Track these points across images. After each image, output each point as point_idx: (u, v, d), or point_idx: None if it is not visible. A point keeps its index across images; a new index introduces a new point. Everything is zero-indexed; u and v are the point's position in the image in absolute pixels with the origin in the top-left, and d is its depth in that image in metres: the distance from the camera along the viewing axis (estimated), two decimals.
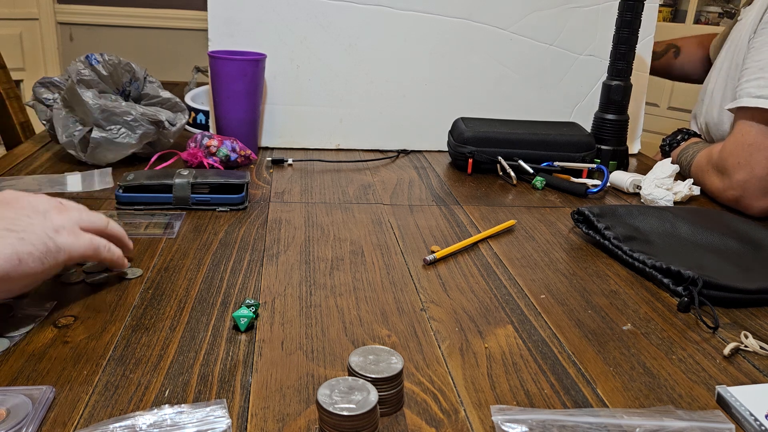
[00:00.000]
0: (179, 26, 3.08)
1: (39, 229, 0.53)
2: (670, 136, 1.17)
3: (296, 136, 1.19)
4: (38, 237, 0.52)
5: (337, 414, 0.42)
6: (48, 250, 0.53)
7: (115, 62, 1.02)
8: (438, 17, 1.17)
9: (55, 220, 0.56)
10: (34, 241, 0.52)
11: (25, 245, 0.51)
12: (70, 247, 0.55)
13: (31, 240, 0.51)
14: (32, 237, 0.52)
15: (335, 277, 0.68)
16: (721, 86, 1.09)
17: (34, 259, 0.51)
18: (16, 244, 0.50)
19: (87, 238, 0.58)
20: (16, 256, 0.50)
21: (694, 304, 0.63)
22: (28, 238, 0.51)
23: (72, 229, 0.56)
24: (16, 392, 0.45)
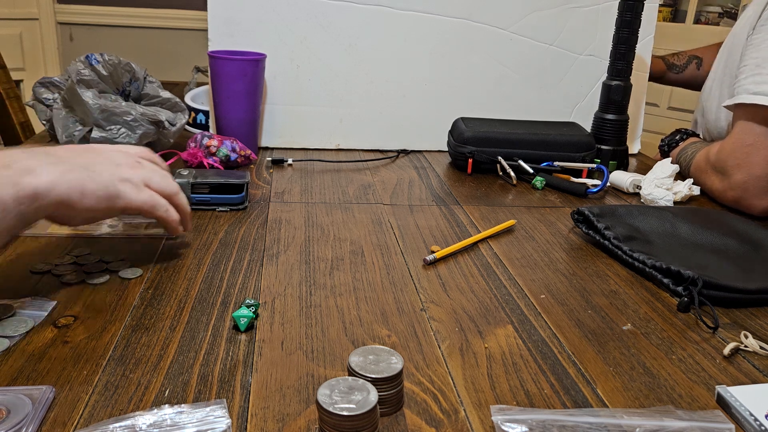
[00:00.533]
0: (179, 26, 3.08)
1: (107, 175, 0.60)
2: (668, 136, 1.17)
3: (296, 136, 1.19)
4: (104, 180, 0.60)
5: (337, 414, 0.42)
6: (108, 194, 0.60)
7: (115, 62, 1.02)
8: (438, 17, 1.17)
9: (124, 172, 0.63)
10: (99, 183, 0.59)
11: (91, 183, 0.58)
12: (128, 197, 0.61)
13: (97, 180, 0.59)
14: (99, 179, 0.59)
15: (335, 277, 0.68)
16: (717, 84, 1.09)
17: (95, 198, 0.58)
18: (85, 179, 0.58)
19: (147, 195, 0.64)
20: (81, 188, 0.57)
21: (694, 304, 0.63)
22: (97, 178, 0.59)
23: (137, 183, 0.63)
24: (16, 392, 0.45)
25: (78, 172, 0.58)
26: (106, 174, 0.60)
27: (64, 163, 0.57)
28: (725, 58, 1.07)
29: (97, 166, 0.60)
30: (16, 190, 0.52)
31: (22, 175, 0.53)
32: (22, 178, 0.53)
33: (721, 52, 1.11)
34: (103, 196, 0.59)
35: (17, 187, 0.53)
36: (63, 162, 0.57)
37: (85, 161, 0.60)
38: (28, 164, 0.55)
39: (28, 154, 0.56)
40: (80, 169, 0.58)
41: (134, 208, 0.62)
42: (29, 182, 0.53)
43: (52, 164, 0.56)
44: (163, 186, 0.65)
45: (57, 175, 0.56)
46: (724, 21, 3.06)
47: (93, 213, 0.60)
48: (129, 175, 0.63)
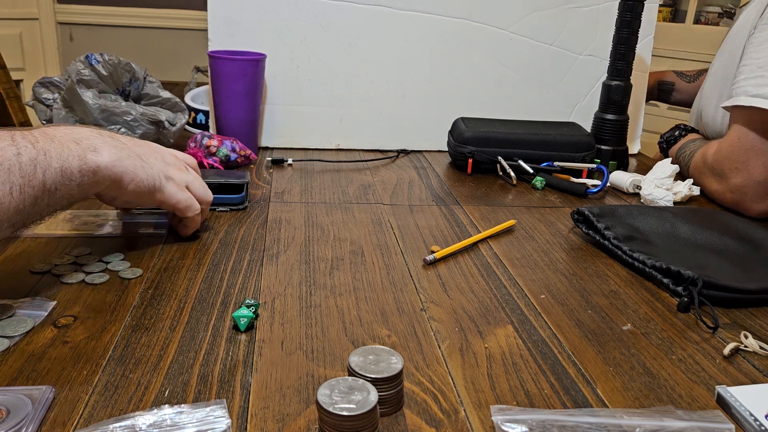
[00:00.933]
0: (179, 26, 3.08)
1: (157, 169, 0.68)
2: (667, 132, 1.17)
3: (296, 136, 1.19)
4: (153, 173, 0.67)
5: (337, 414, 0.42)
6: (153, 185, 0.67)
7: (115, 62, 1.02)
8: (438, 17, 1.17)
9: (171, 171, 0.70)
10: (148, 173, 0.66)
11: (142, 172, 0.65)
12: (168, 193, 0.68)
13: (147, 171, 0.66)
14: (150, 170, 0.66)
15: (335, 277, 0.68)
16: (718, 85, 1.08)
17: (141, 185, 0.65)
18: (138, 167, 0.65)
19: (186, 196, 0.70)
20: (133, 174, 0.64)
21: (694, 304, 0.63)
22: (147, 170, 0.66)
23: (179, 184, 0.70)
24: (16, 392, 0.45)
25: (134, 160, 0.65)
26: (156, 168, 0.67)
27: (124, 148, 0.64)
28: (725, 58, 1.07)
29: (150, 158, 0.67)
30: (81, 163, 0.59)
31: (88, 151, 0.60)
32: (88, 153, 0.60)
33: (719, 53, 1.11)
34: (148, 186, 0.66)
35: (83, 161, 0.59)
36: (123, 147, 0.64)
37: (141, 152, 0.66)
38: (94, 143, 0.61)
39: (95, 134, 0.63)
40: (136, 157, 0.65)
41: (171, 204, 0.69)
42: (93, 159, 0.60)
43: (114, 147, 0.63)
44: (201, 192, 0.73)
45: (116, 157, 0.62)
46: (723, 21, 3.06)
47: (135, 198, 0.66)
48: (174, 175, 0.69)
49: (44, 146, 0.56)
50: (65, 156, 0.58)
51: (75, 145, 0.59)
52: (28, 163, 0.54)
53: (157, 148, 0.71)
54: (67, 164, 0.58)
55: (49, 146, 0.57)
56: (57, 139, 0.58)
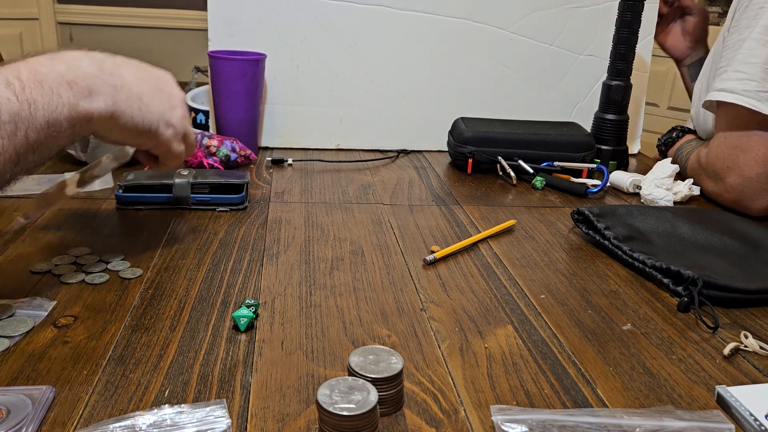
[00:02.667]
0: (179, 26, 3.08)
1: (157, 113, 0.62)
2: (665, 134, 1.17)
3: (296, 136, 1.19)
4: (151, 118, 0.62)
5: (337, 414, 0.42)
6: (149, 129, 0.62)
7: None
8: (438, 17, 1.17)
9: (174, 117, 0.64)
10: (146, 118, 0.61)
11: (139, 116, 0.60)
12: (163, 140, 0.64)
13: (145, 116, 0.61)
14: (148, 115, 0.61)
15: (335, 277, 0.68)
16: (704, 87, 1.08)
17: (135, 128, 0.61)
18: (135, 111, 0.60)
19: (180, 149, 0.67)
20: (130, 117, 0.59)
21: (694, 304, 0.63)
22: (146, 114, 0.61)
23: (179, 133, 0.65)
24: (16, 392, 0.45)
25: (133, 101, 0.60)
26: (156, 110, 0.62)
27: (123, 89, 0.59)
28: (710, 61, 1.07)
29: (153, 99, 0.62)
30: (71, 113, 0.54)
31: (81, 97, 0.55)
32: (81, 101, 0.55)
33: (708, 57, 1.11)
34: (143, 130, 0.61)
35: (73, 110, 0.54)
36: (123, 88, 0.59)
37: (144, 90, 0.61)
38: (90, 84, 0.56)
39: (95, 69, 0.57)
40: (135, 99, 0.60)
41: (162, 151, 0.66)
42: (86, 106, 0.55)
43: (112, 88, 0.58)
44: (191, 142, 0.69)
45: (113, 101, 0.57)
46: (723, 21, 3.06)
47: (124, 138, 0.62)
48: (176, 122, 0.64)
49: (30, 95, 0.51)
50: (54, 106, 0.53)
51: (67, 90, 0.54)
52: (8, 120, 0.49)
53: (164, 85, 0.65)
54: (56, 115, 0.53)
55: (36, 95, 0.52)
56: (47, 82, 0.53)
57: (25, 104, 0.51)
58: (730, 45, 0.94)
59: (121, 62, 0.62)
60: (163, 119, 0.63)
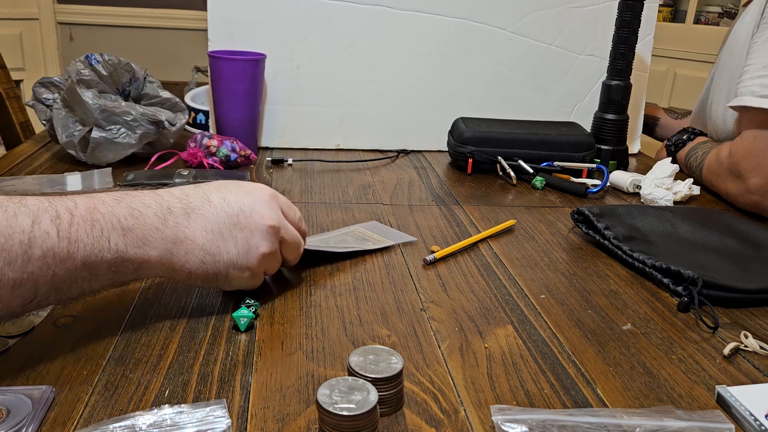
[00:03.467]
0: (179, 26, 3.08)
1: (225, 259, 0.55)
2: (675, 135, 1.16)
3: (296, 136, 1.19)
4: (216, 265, 0.55)
5: (337, 414, 0.42)
6: (215, 277, 0.56)
7: (115, 62, 1.02)
8: (438, 17, 1.17)
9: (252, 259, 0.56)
10: (208, 267, 0.55)
11: (199, 267, 0.55)
12: (237, 286, 0.59)
13: (207, 265, 0.55)
14: (211, 264, 0.55)
15: (335, 277, 0.68)
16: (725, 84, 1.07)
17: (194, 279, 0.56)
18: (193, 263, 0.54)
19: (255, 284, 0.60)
20: (186, 271, 0.55)
21: (694, 304, 0.63)
22: (209, 262, 0.55)
23: (256, 273, 0.58)
24: (16, 392, 0.45)
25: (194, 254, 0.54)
26: (224, 258, 0.55)
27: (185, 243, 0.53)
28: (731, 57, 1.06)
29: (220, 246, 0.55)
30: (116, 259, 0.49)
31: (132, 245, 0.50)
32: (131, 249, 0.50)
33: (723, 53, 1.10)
34: (205, 279, 0.56)
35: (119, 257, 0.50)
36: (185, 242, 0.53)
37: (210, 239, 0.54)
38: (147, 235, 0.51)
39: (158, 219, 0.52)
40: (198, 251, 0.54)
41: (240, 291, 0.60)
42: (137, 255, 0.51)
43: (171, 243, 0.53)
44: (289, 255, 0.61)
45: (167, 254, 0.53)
46: (723, 21, 3.06)
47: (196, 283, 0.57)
48: (254, 264, 0.57)
49: (76, 234, 0.47)
50: (98, 249, 0.48)
51: (119, 238, 0.49)
52: (38, 256, 0.45)
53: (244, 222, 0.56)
54: (95, 258, 0.48)
55: (81, 234, 0.47)
56: (100, 224, 0.48)
57: (64, 241, 0.46)
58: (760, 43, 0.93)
59: (197, 204, 0.55)
60: (236, 265, 0.56)
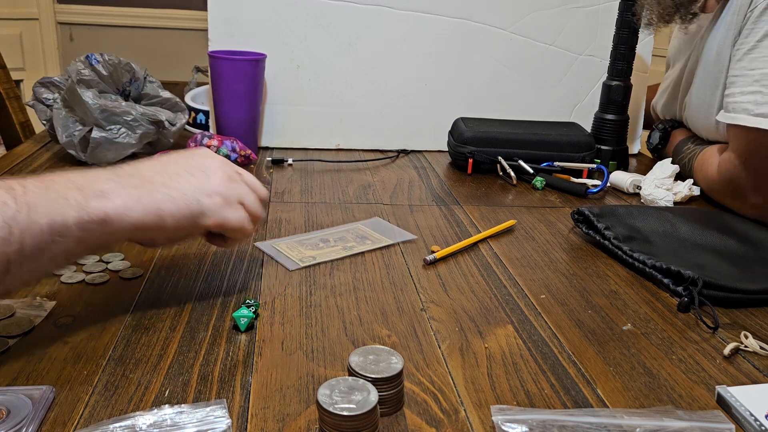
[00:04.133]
0: (179, 26, 3.08)
1: (191, 191, 0.54)
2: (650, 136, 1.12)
3: (296, 136, 1.19)
4: (185, 199, 0.54)
5: (337, 414, 0.42)
6: (191, 213, 0.54)
7: (115, 62, 1.02)
8: (438, 17, 1.17)
9: (215, 184, 0.56)
10: (179, 202, 0.53)
11: (170, 204, 0.53)
12: (217, 216, 0.56)
13: (177, 200, 0.53)
14: (180, 198, 0.53)
15: (335, 277, 0.68)
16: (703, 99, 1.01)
17: (174, 220, 0.53)
18: (162, 201, 0.52)
19: (239, 217, 0.57)
20: (158, 212, 0.52)
21: (694, 304, 0.63)
22: (176, 198, 0.53)
23: (229, 198, 0.56)
24: (16, 392, 0.45)
25: (156, 194, 0.52)
26: (189, 190, 0.54)
27: (143, 185, 0.52)
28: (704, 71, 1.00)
29: (180, 180, 0.54)
30: (80, 215, 0.48)
31: (92, 198, 0.49)
32: (91, 201, 0.49)
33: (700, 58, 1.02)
34: (184, 216, 0.53)
35: (83, 212, 0.48)
36: (143, 184, 0.53)
37: (166, 178, 0.54)
38: (103, 187, 0.50)
39: (110, 174, 0.52)
40: (159, 189, 0.53)
41: (220, 227, 0.57)
42: (98, 206, 0.49)
43: (130, 187, 0.52)
44: (256, 209, 0.60)
45: (132, 200, 0.51)
46: None
47: (174, 234, 0.55)
48: (219, 189, 0.56)
49: (32, 199, 0.46)
50: (58, 209, 0.47)
51: (76, 193, 0.49)
52: (2, 226, 0.44)
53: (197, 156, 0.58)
54: (59, 218, 0.47)
55: (38, 198, 0.47)
56: (55, 187, 0.48)
57: (23, 207, 0.46)
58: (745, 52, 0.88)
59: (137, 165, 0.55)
60: (202, 192, 0.55)
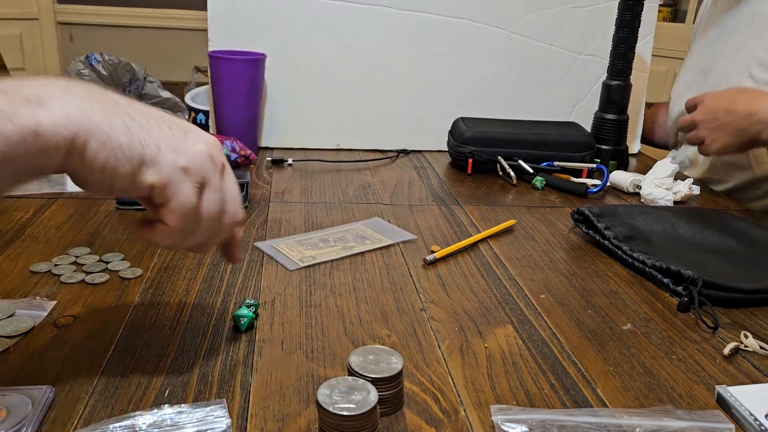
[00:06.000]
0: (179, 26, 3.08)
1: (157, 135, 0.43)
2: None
3: (296, 136, 1.19)
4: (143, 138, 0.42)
5: (337, 414, 0.42)
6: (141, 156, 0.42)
7: (115, 62, 1.03)
8: (438, 17, 1.17)
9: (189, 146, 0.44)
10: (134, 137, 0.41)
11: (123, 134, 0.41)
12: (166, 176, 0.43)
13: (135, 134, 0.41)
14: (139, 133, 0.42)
15: (335, 277, 0.68)
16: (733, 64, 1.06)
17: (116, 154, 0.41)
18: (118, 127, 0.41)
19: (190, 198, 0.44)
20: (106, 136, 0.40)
21: (694, 304, 0.63)
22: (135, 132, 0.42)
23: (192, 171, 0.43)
24: (16, 392, 0.45)
25: (113, 116, 0.41)
26: (154, 132, 0.42)
27: (102, 102, 0.42)
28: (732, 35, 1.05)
29: (150, 122, 0.43)
30: (6, 126, 0.37)
31: (23, 104, 0.38)
32: (22, 109, 0.38)
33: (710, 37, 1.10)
34: (128, 156, 0.41)
35: (7, 120, 0.38)
36: (102, 101, 0.42)
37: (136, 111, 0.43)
38: (41, 92, 0.39)
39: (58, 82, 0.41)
40: (120, 114, 0.42)
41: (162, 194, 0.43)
42: (30, 116, 0.38)
43: (79, 97, 0.41)
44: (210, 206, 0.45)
45: (80, 110, 0.40)
46: None
47: (110, 176, 0.42)
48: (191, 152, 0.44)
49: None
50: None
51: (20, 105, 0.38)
52: None
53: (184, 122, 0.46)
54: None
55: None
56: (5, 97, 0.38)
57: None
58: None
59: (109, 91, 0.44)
60: (168, 143, 0.43)
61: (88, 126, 0.40)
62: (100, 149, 0.40)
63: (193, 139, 0.45)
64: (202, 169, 0.44)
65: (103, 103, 0.42)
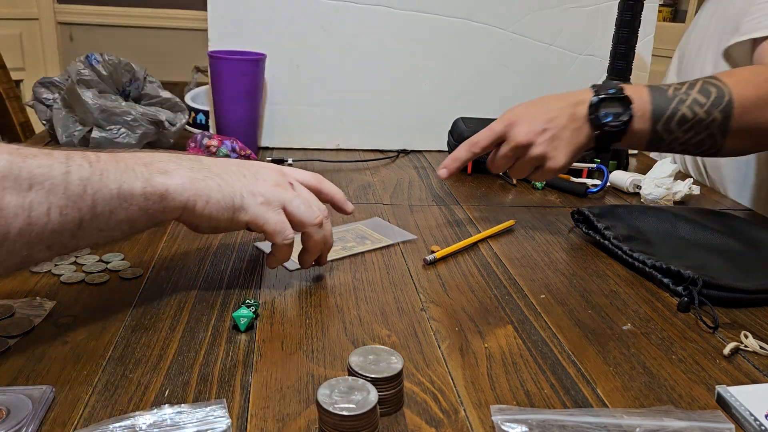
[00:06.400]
0: (179, 26, 3.08)
1: (239, 186, 0.59)
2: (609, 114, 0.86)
3: (296, 136, 1.19)
4: (231, 191, 0.58)
5: (337, 414, 0.42)
6: (232, 205, 0.58)
7: (115, 62, 1.03)
8: (438, 17, 1.17)
9: (260, 187, 0.60)
10: (225, 193, 0.58)
11: (217, 192, 0.58)
12: (252, 212, 0.59)
13: (224, 190, 0.58)
14: (227, 189, 0.58)
15: (335, 277, 0.68)
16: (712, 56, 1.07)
17: (217, 207, 0.58)
18: (213, 188, 0.58)
19: (278, 218, 0.60)
20: (207, 196, 0.57)
21: (694, 304, 0.63)
22: (225, 188, 0.58)
23: (270, 201, 0.60)
24: (16, 392, 0.45)
25: (210, 181, 0.58)
26: (237, 185, 0.59)
27: (201, 170, 0.58)
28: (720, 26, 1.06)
29: (232, 176, 0.59)
30: (145, 186, 0.53)
31: (156, 173, 0.55)
32: (156, 176, 0.54)
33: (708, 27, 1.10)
34: (225, 207, 0.58)
35: (147, 183, 0.54)
36: (201, 169, 0.58)
37: (222, 171, 0.59)
38: (166, 166, 0.56)
39: (173, 157, 0.58)
40: (214, 178, 0.58)
41: (258, 224, 0.60)
42: (161, 181, 0.55)
43: (188, 169, 0.57)
44: (301, 213, 0.61)
45: (189, 179, 0.56)
46: None
47: (216, 222, 0.59)
48: (264, 191, 0.60)
49: (104, 166, 0.52)
50: (126, 178, 0.52)
51: (143, 168, 0.54)
52: (77, 182, 0.49)
53: (252, 164, 0.63)
54: (127, 186, 0.52)
55: (110, 167, 0.52)
56: (125, 160, 0.54)
57: (97, 171, 0.51)
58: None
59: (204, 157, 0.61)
60: (246, 190, 0.59)
61: (196, 191, 0.57)
62: (205, 207, 0.57)
63: (262, 178, 0.61)
64: (276, 196, 0.60)
65: (202, 172, 0.58)
